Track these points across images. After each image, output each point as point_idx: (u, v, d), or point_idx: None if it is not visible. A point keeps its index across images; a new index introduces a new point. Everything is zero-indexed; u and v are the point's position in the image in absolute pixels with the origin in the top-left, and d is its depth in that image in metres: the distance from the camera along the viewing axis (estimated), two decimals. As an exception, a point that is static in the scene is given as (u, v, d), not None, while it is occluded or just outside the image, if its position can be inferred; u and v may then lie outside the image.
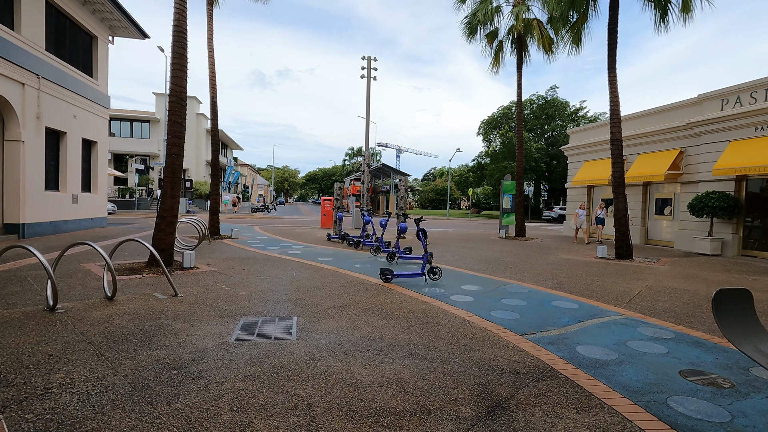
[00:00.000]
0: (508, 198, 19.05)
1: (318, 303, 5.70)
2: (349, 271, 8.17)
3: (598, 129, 17.70)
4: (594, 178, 16.74)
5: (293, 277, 7.52)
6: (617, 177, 11.08)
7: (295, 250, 11.11)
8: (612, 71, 11.09)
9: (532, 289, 6.97)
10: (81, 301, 5.36)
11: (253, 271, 7.89)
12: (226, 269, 8.02)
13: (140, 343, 3.98)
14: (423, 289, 6.75)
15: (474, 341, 4.32)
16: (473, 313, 5.34)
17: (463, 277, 7.95)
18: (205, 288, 6.38)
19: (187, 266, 7.82)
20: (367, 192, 15.21)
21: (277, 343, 4.11)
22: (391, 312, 5.34)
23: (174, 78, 7.89)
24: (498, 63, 17.46)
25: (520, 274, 8.46)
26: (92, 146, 14.61)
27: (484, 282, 7.48)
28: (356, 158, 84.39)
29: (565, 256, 11.55)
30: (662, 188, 15.01)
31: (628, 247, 10.90)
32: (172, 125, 7.91)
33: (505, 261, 10.19)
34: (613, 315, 5.46)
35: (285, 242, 13.02)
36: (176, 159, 7.95)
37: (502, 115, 44.12)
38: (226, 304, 5.50)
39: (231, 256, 9.69)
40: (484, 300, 6.09)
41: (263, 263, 8.87)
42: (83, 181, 13.95)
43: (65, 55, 12.73)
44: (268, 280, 7.10)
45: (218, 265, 8.49)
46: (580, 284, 7.53)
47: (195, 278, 7.07)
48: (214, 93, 13.33)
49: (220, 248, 11.15)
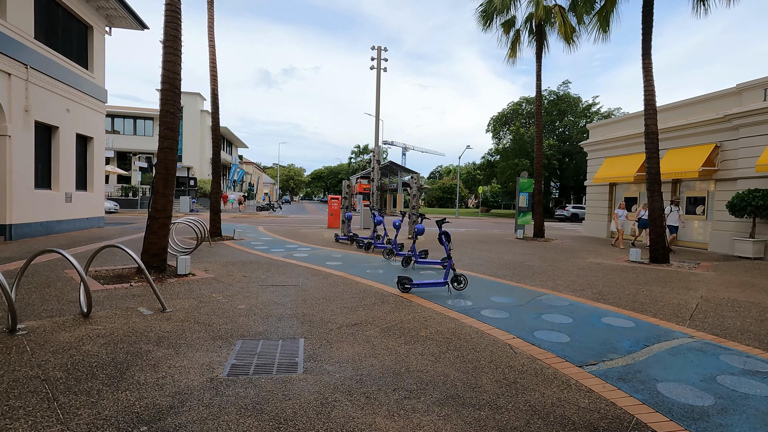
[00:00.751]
0: (525, 196, 18.11)
1: (328, 320, 4.86)
2: (361, 278, 7.34)
3: (621, 123, 16.71)
4: (617, 175, 15.76)
5: (299, 285, 6.70)
6: (653, 173, 10.14)
7: (300, 253, 10.30)
8: (647, 57, 10.14)
9: (573, 301, 6.09)
10: (51, 319, 4.56)
11: (254, 278, 7.08)
12: (224, 276, 7.22)
13: (108, 379, 3.16)
14: (447, 301, 5.89)
15: (525, 376, 3.46)
16: (514, 335, 4.48)
17: (490, 285, 7.08)
18: (198, 300, 5.57)
19: (182, 273, 7.03)
20: (377, 190, 14.37)
21: (280, 379, 3.28)
22: (416, 332, 4.49)
23: (167, 63, 7.08)
24: (514, 53, 16.52)
25: (552, 282, 7.57)
26: (88, 142, 13.89)
27: (516, 292, 6.60)
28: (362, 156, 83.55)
29: (593, 259, 10.63)
30: (693, 186, 14.01)
31: (664, 250, 9.97)
32: (164, 116, 7.10)
33: (532, 266, 9.30)
34: (682, 337, 4.56)
35: (290, 244, 12.21)
36: (169, 153, 7.15)
37: (512, 111, 43.05)
38: (221, 321, 4.68)
39: (231, 261, 8.89)
40: (522, 316, 5.22)
41: (266, 268, 8.06)
42: (78, 179, 13.22)
43: (57, 45, 11.99)
44: (271, 290, 6.28)
45: (216, 270, 7.69)
46: (624, 294, 6.63)
47: (189, 287, 6.27)
48: (215, 85, 12.53)
49: (221, 251, 10.36)
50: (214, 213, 12.68)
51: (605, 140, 17.13)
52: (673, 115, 14.40)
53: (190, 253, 9.38)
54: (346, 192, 14.38)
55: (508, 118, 43.25)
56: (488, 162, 44.70)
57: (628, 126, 16.19)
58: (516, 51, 16.48)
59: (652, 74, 10.08)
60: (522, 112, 42.84)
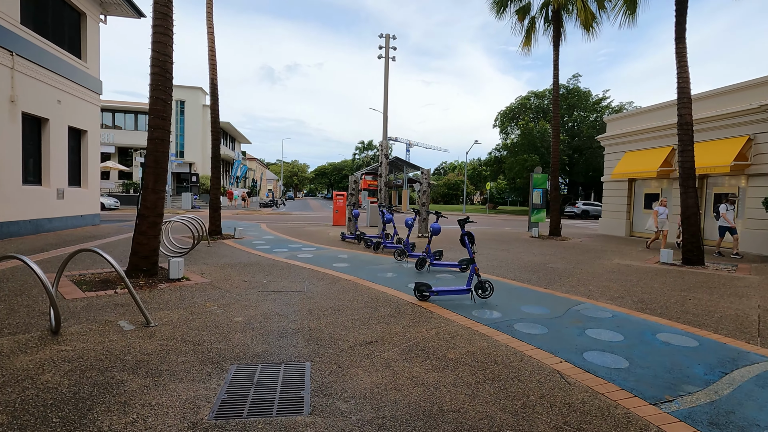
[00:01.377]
0: (539, 193, 17.35)
1: (339, 336, 4.16)
2: (372, 283, 6.63)
3: (642, 116, 15.86)
4: (637, 170, 14.94)
5: (304, 291, 6.00)
6: (687, 168, 9.35)
7: (305, 254, 9.60)
8: (681, 42, 9.33)
9: (616, 312, 5.35)
10: (13, 337, 3.88)
11: (254, 283, 6.38)
12: (221, 280, 6.53)
13: (62, 426, 2.47)
14: (472, 311, 5.17)
15: (590, 419, 2.74)
16: (560, 357, 3.76)
17: (516, 292, 6.35)
18: (190, 310, 4.88)
19: (174, 277, 6.34)
20: (385, 186, 13.65)
21: (282, 424, 2.57)
22: (443, 354, 3.78)
23: (156, 44, 6.36)
24: (529, 42, 15.68)
25: (584, 287, 6.83)
26: (81, 136, 13.23)
27: (547, 300, 5.87)
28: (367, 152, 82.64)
29: (620, 260, 9.86)
30: (721, 181, 13.18)
31: (699, 251, 9.19)
32: (154, 103, 6.40)
33: (556, 268, 8.56)
34: (762, 361, 3.82)
35: (294, 243, 11.52)
36: (160, 145, 6.45)
37: (520, 106, 42.10)
38: (213, 338, 3.99)
39: (230, 262, 8.20)
40: (562, 331, 4.49)
41: (268, 271, 7.36)
42: (71, 175, 12.58)
43: (47, 32, 11.30)
44: (273, 297, 5.58)
45: (213, 274, 7.00)
46: (670, 303, 5.88)
47: (180, 294, 5.58)
48: (214, 74, 11.82)
49: (219, 251, 9.67)
50: (214, 210, 12.01)
51: (624, 134, 16.29)
52: (701, 106, 13.54)
53: (185, 254, 8.71)
54: (352, 188, 13.65)
55: (516, 112, 42.30)
56: (495, 158, 43.77)
57: (650, 118, 15.35)
58: (531, 40, 15.65)
59: (686, 60, 9.27)
60: (530, 107, 41.87)
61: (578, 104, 39.70)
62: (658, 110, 15.02)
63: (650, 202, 15.53)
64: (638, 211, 16.10)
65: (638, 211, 16.10)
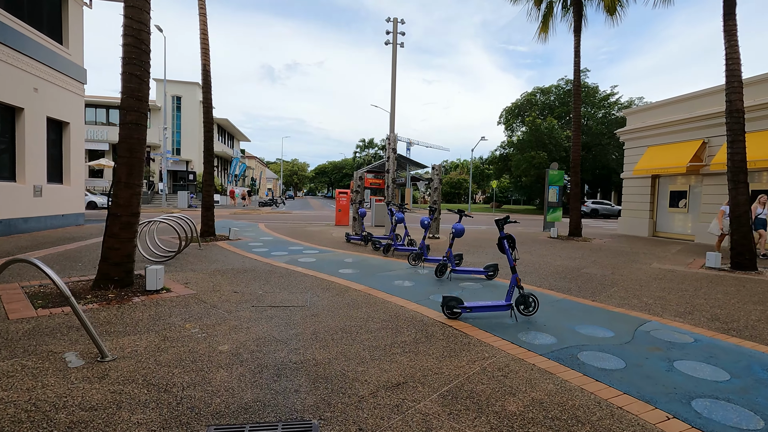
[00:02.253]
0: (555, 190, 16.32)
1: (355, 375, 3.13)
2: (387, 295, 5.59)
3: (667, 107, 14.80)
4: (663, 166, 13.89)
5: (307, 306, 4.97)
6: (737, 161, 8.32)
7: (307, 257, 8.57)
8: (730, 18, 8.29)
9: (697, 335, 4.31)
10: None
11: (247, 295, 5.35)
12: (209, 291, 5.49)
13: None
14: (518, 334, 4.14)
15: None
16: (663, 410, 2.72)
17: (561, 306, 5.31)
18: (163, 336, 3.84)
19: (151, 288, 5.31)
20: (393, 183, 12.62)
21: None
22: (500, 404, 2.74)
23: (130, 9, 5.32)
24: (546, 28, 14.63)
25: (636, 299, 5.79)
26: (63, 128, 12.18)
27: (602, 317, 4.83)
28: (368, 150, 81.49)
29: (659, 264, 8.83)
30: (760, 177, 12.14)
31: (751, 254, 8.16)
32: (128, 80, 5.35)
33: (593, 275, 7.53)
34: None
35: (294, 245, 10.48)
36: (135, 131, 5.40)
37: (526, 102, 41.05)
38: (186, 380, 2.95)
39: (222, 268, 7.16)
40: (644, 365, 3.46)
41: (264, 279, 6.33)
42: (51, 170, 11.54)
43: (22, 13, 10.25)
44: (269, 314, 4.55)
45: (200, 283, 5.96)
46: (752, 321, 4.85)
47: (156, 311, 4.54)
48: (206, 60, 10.77)
49: (211, 254, 8.63)
50: (206, 209, 10.97)
51: (647, 127, 15.24)
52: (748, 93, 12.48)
53: (171, 259, 7.66)
54: (357, 185, 12.61)
55: (522, 108, 41.24)
56: (501, 155, 42.68)
57: (676, 110, 14.30)
58: (548, 26, 14.60)
59: (736, 38, 8.23)
60: (536, 103, 40.81)
61: (586, 100, 38.60)
62: (685, 101, 13.98)
63: (676, 200, 14.50)
64: (663, 210, 15.06)
65: (663, 210, 15.06)
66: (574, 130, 13.80)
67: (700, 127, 13.21)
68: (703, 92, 13.23)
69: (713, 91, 12.91)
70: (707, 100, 13.10)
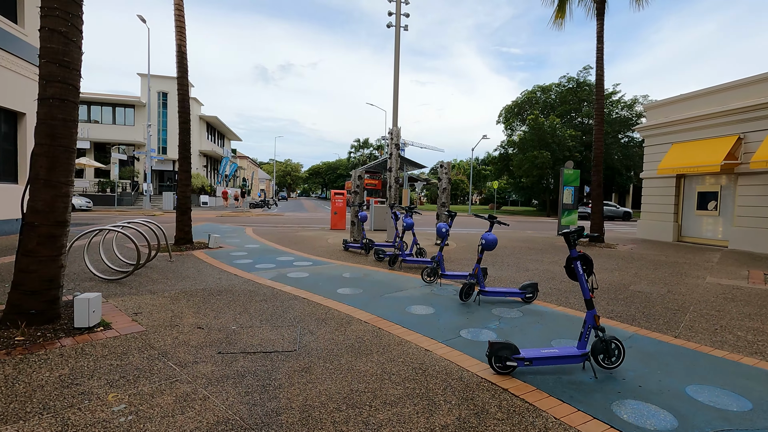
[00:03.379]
0: (570, 191, 15.02)
1: None
2: (403, 329, 4.19)
3: (694, 101, 13.54)
4: (692, 164, 12.62)
5: (296, 350, 3.56)
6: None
7: (298, 271, 7.13)
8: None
9: None
10: None
11: (215, 332, 3.91)
12: (163, 327, 4.05)
13: None
14: (611, 405, 2.76)
15: None
16: None
17: (642, 347, 3.93)
18: (62, 423, 2.40)
19: (82, 326, 3.86)
20: (396, 183, 11.23)
21: None
22: None
23: (51, -58, 3.86)
24: (563, 13, 13.35)
25: (728, 332, 4.44)
26: (18, 119, 10.63)
27: (713, 370, 3.46)
28: (362, 150, 79.90)
29: (714, 279, 7.50)
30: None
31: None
32: (48, 38, 3.89)
33: (648, 295, 6.17)
34: None
35: (284, 254, 9.04)
36: (59, 109, 3.95)
37: (526, 100, 39.87)
38: None
39: (190, 288, 5.71)
40: None
41: (242, 305, 4.89)
42: (3, 168, 9.98)
43: (-37, -18, 8.72)
44: (240, 370, 3.13)
45: (154, 314, 4.51)
46: None
47: (72, 368, 3.10)
48: (181, 39, 9.30)
49: (182, 268, 7.17)
50: (182, 213, 9.48)
51: (672, 122, 13.98)
52: (747, 93, 11.27)
53: (127, 276, 6.16)
54: (356, 185, 11.18)
55: (522, 107, 40.05)
56: (501, 155, 41.43)
57: (706, 103, 13.05)
58: (565, 10, 13.32)
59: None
60: (537, 101, 39.64)
61: (589, 98, 37.49)
62: (717, 93, 12.73)
63: (705, 202, 13.25)
64: (689, 212, 13.80)
65: (689, 212, 13.80)
66: (597, 123, 12.49)
67: (736, 122, 11.96)
68: (739, 83, 11.99)
69: (750, 81, 11.67)
70: (743, 91, 11.87)
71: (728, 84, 12.39)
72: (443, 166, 11.00)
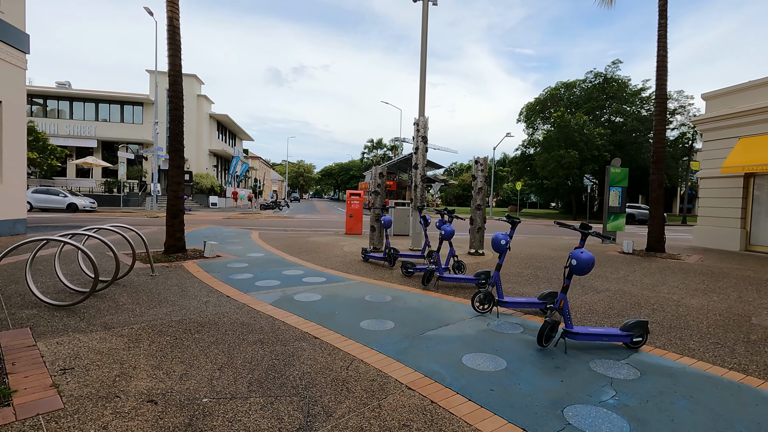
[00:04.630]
0: (617, 192, 13.25)
1: None
2: (471, 404, 2.61)
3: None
4: (764, 162, 10.76)
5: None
6: None
7: (308, 293, 5.61)
8: None
9: None
10: None
11: (175, 405, 2.39)
12: (96, 396, 2.54)
13: None
14: None
15: None
16: None
17: None
18: None
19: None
20: (422, 182, 9.67)
21: None
22: None
23: None
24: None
25: None
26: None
27: None
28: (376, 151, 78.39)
29: None
30: None
31: None
32: None
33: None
34: None
35: (292, 266, 7.54)
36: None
37: (549, 98, 37.87)
38: None
39: (161, 319, 4.22)
40: None
41: (227, 350, 3.38)
42: (-29, 163, 8.73)
43: None
44: None
45: (91, 369, 3.02)
46: None
47: None
48: (173, 11, 7.88)
49: (162, 286, 5.69)
50: (173, 216, 8.06)
51: (739, 113, 12.12)
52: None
53: (86, 298, 4.67)
54: (377, 185, 9.64)
55: (545, 105, 38.05)
56: (522, 154, 39.45)
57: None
58: (615, -15, 11.58)
59: None
60: (561, 98, 37.61)
61: (618, 95, 35.34)
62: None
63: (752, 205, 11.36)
64: (760, 218, 11.91)
65: (760, 218, 11.91)
66: (657, 114, 10.72)
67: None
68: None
69: None
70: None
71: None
72: (479, 162, 9.40)
